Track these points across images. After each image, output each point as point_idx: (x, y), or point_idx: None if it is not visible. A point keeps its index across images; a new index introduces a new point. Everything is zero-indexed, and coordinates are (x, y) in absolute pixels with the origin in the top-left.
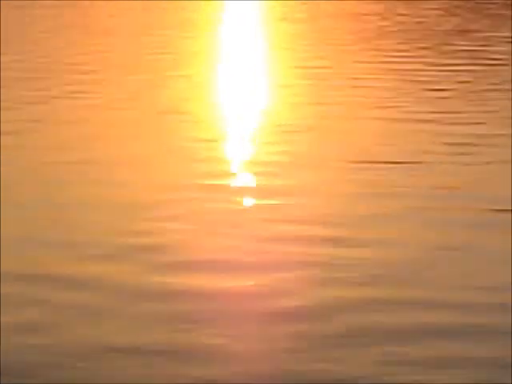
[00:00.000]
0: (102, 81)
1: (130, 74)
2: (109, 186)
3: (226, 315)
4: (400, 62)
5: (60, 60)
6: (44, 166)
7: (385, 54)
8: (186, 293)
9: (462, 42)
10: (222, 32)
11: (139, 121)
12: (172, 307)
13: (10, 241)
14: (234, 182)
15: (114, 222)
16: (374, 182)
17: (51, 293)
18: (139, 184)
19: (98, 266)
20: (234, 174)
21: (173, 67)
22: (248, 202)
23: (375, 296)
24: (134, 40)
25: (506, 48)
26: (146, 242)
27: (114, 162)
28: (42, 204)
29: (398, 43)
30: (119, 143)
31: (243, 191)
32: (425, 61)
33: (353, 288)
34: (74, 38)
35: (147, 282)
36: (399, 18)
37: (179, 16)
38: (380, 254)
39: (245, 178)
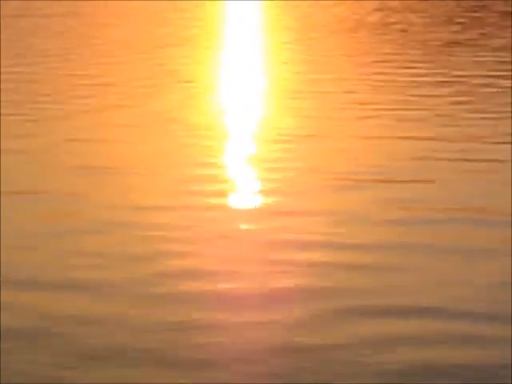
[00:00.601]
0: (109, 92)
1: (135, 84)
2: (107, 206)
3: (233, 352)
4: (404, 75)
5: (67, 72)
6: (46, 174)
7: (388, 65)
8: (188, 323)
9: (463, 52)
10: (225, 42)
11: (144, 137)
12: (177, 315)
13: (11, 248)
14: (236, 202)
15: (112, 240)
16: (385, 202)
17: (49, 299)
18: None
19: (94, 275)
20: (234, 193)
21: (179, 77)
22: (251, 223)
23: (392, 327)
24: (137, 50)
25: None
26: (146, 270)
27: (112, 174)
28: (44, 213)
29: (401, 54)
30: (122, 156)
31: (247, 212)
32: (430, 72)
33: (368, 318)
34: (79, 47)
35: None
36: (400, 27)
37: (182, 24)
38: (395, 281)
39: (247, 198)
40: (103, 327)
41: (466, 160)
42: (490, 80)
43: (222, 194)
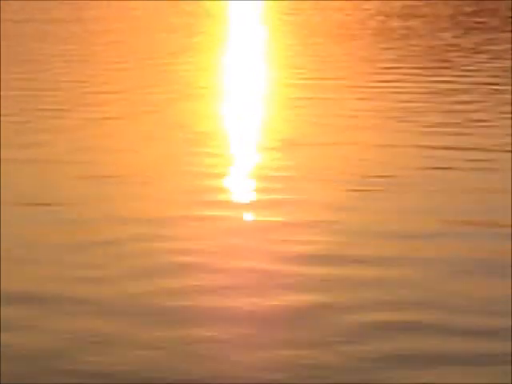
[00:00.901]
0: (117, 97)
1: (141, 92)
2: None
3: (239, 366)
4: (413, 81)
5: (71, 80)
6: (52, 184)
7: (392, 71)
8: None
9: (468, 57)
10: (229, 48)
11: (151, 145)
12: (183, 332)
13: (11, 260)
14: (243, 213)
15: (121, 242)
16: (390, 213)
17: (50, 316)
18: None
19: (104, 288)
20: (241, 204)
21: (185, 83)
22: (256, 234)
23: (396, 341)
24: (142, 57)
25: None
26: (152, 282)
27: (119, 184)
28: (48, 220)
29: (409, 58)
30: (128, 165)
31: (252, 223)
32: (442, 79)
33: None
34: (83, 54)
35: (157, 305)
36: (403, 32)
37: (187, 30)
38: (397, 295)
39: (253, 208)
40: (106, 343)
41: (473, 169)
42: (498, 87)
43: (227, 204)
